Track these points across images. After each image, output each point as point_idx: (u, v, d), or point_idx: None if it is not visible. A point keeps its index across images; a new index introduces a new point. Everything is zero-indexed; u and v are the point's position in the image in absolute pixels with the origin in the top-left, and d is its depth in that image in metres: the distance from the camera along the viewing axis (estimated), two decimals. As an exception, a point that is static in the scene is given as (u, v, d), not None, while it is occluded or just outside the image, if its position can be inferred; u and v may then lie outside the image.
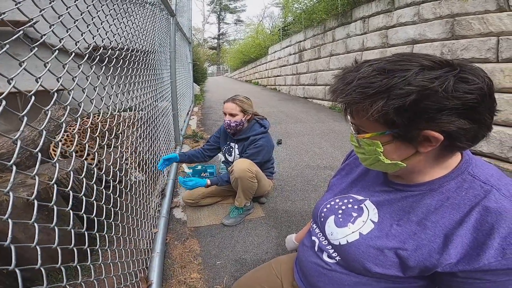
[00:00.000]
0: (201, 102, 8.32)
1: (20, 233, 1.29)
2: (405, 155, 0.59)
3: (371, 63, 0.56)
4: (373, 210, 0.70)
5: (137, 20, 1.80)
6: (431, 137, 0.53)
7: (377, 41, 5.45)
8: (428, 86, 0.49)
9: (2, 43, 0.66)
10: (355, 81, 0.55)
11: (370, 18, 5.67)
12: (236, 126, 2.02)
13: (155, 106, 2.48)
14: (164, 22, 2.99)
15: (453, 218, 0.57)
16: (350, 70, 0.58)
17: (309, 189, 2.53)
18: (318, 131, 4.62)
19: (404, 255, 0.60)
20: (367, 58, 4.16)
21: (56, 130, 2.80)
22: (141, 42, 1.90)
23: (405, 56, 0.55)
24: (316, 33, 8.00)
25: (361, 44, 5.96)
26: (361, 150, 0.65)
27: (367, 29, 5.77)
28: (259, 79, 15.09)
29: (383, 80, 0.52)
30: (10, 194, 0.63)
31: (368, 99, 0.54)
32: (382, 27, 5.33)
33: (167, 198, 2.17)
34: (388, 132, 0.57)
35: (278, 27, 13.78)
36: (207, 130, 4.80)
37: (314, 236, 0.83)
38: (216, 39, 40.31)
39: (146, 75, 2.12)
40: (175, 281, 1.46)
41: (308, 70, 8.53)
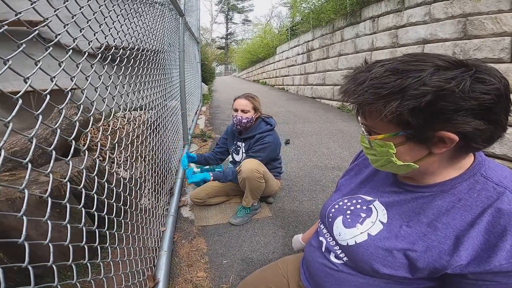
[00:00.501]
0: (209, 102, 8.36)
1: (32, 230, 1.30)
2: (418, 156, 0.58)
3: (383, 63, 0.56)
4: (382, 211, 0.70)
5: (147, 20, 1.82)
6: (446, 138, 0.53)
7: (387, 41, 5.40)
8: (445, 87, 0.49)
9: (19, 42, 0.67)
10: (368, 82, 0.54)
11: (379, 17, 5.61)
12: (247, 123, 2.04)
13: (164, 105, 2.51)
14: (173, 22, 3.01)
15: (465, 219, 0.56)
16: (361, 70, 0.58)
17: (317, 189, 2.52)
18: (326, 131, 4.59)
19: (413, 256, 0.60)
20: (376, 58, 4.17)
21: (69, 129, 2.85)
22: (151, 42, 1.92)
23: (418, 56, 0.54)
24: (324, 32, 7.95)
25: (371, 44, 5.90)
26: (372, 152, 0.64)
27: (377, 29, 5.71)
28: (267, 79, 15.07)
29: (396, 80, 0.51)
30: (26, 191, 0.64)
31: (381, 100, 0.53)
32: (392, 26, 5.27)
33: (175, 197, 2.18)
34: (402, 133, 0.56)
35: (286, 27, 13.72)
36: (215, 129, 4.82)
37: (321, 237, 0.83)
38: (224, 39, 40.43)
39: (155, 74, 2.13)
40: (181, 279, 1.47)
41: (316, 70, 8.48)
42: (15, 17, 0.67)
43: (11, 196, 1.25)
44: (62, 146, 2.67)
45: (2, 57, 0.62)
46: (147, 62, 1.79)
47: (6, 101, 3.73)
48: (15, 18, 0.67)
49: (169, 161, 2.55)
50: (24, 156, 2.37)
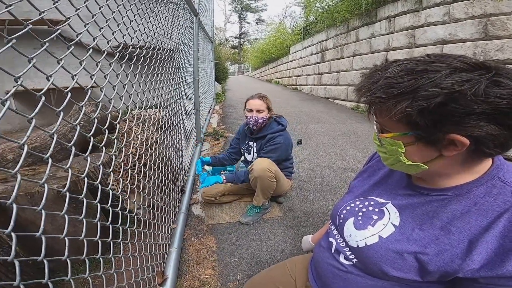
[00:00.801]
0: (222, 101, 8.41)
1: (48, 225, 1.34)
2: (428, 157, 0.58)
3: (400, 63, 0.55)
4: (394, 213, 0.69)
5: (162, 19, 1.85)
6: (456, 141, 0.52)
7: (404, 41, 5.32)
8: (456, 89, 0.48)
9: (42, 41, 0.69)
10: (381, 80, 0.54)
11: (396, 17, 5.55)
12: (263, 122, 2.05)
13: (178, 104, 2.54)
14: (188, 21, 3.04)
15: (480, 224, 0.56)
16: (378, 69, 0.58)
17: (328, 190, 2.50)
18: (339, 132, 4.54)
19: (424, 259, 0.59)
20: (392, 58, 4.10)
21: (87, 126, 2.94)
22: (166, 41, 1.95)
23: (437, 57, 0.53)
24: (338, 32, 7.88)
25: (387, 44, 5.82)
26: (383, 149, 0.64)
27: (393, 29, 5.64)
28: (280, 79, 15.04)
29: (410, 80, 0.51)
30: (45, 186, 0.67)
31: (392, 99, 0.53)
32: (409, 26, 5.19)
33: (186, 195, 2.21)
34: (411, 133, 0.56)
35: (300, 27, 13.65)
36: (228, 128, 4.85)
37: (331, 238, 0.83)
38: (238, 38, 40.59)
39: (170, 73, 2.17)
40: (189, 276, 1.48)
41: (330, 70, 8.41)
42: (39, 16, 0.69)
43: (30, 190, 1.29)
44: (80, 142, 2.75)
45: (27, 55, 0.65)
46: (162, 61, 1.82)
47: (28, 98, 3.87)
48: (38, 18, 0.69)
49: (181, 159, 2.58)
50: (43, 152, 2.46)
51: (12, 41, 0.60)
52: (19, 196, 1.24)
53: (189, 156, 3.02)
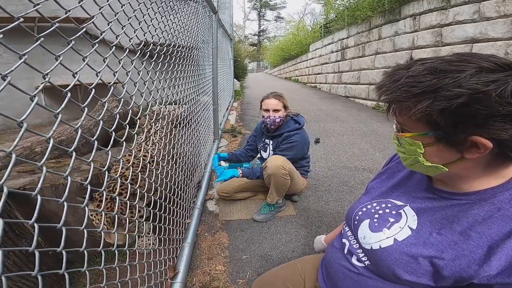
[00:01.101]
0: (240, 98, 8.46)
1: (70, 216, 1.39)
2: (448, 159, 0.57)
3: (425, 61, 0.54)
4: (412, 216, 0.68)
5: (182, 17, 1.88)
6: (479, 143, 0.50)
7: (430, 40, 5.17)
8: (481, 90, 0.46)
9: (68, 39, 0.72)
10: (403, 79, 0.53)
11: (421, 15, 5.40)
12: (280, 121, 2.05)
13: (197, 101, 2.58)
14: (207, 19, 3.07)
15: (502, 230, 0.54)
16: (401, 67, 0.57)
17: (345, 190, 2.46)
18: (359, 131, 4.44)
19: (439, 264, 0.58)
20: (417, 56, 3.98)
21: (110, 121, 3.05)
22: (185, 39, 1.98)
23: (464, 57, 0.52)
24: (360, 30, 7.73)
25: (411, 43, 5.65)
26: (402, 149, 0.63)
27: (418, 27, 5.48)
28: (299, 77, 14.93)
29: (432, 80, 0.50)
30: (69, 178, 0.70)
31: (412, 98, 0.52)
32: (435, 25, 5.04)
33: (202, 190, 2.25)
34: (431, 134, 0.55)
35: (320, 24, 13.45)
36: (245, 125, 4.87)
37: (345, 239, 0.82)
38: (257, 36, 40.53)
39: (189, 70, 2.20)
40: (200, 271, 1.51)
41: (350, 69, 8.26)
42: (65, 15, 0.72)
43: (55, 182, 1.36)
44: (103, 137, 2.86)
45: (54, 53, 0.68)
46: (182, 58, 1.85)
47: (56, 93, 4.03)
48: (65, 16, 0.73)
49: (198, 155, 2.62)
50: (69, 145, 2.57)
51: (40, 39, 0.63)
52: (44, 187, 1.30)
53: (206, 152, 3.06)
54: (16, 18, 0.58)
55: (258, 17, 39.31)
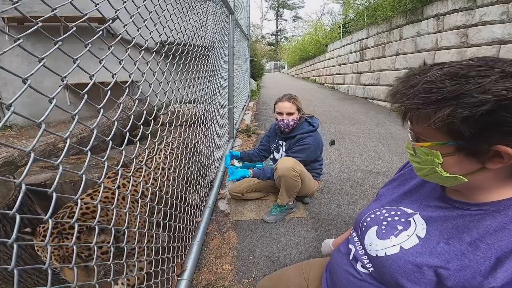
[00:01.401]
0: (256, 98, 8.48)
1: None
2: (468, 169, 0.54)
3: (442, 66, 0.52)
4: (421, 225, 0.66)
5: (198, 17, 1.91)
6: (503, 153, 0.48)
7: (454, 41, 5.01)
8: (508, 96, 0.44)
9: (86, 42, 0.76)
10: (420, 85, 0.51)
11: (445, 16, 5.25)
12: (294, 124, 2.05)
13: (212, 100, 2.61)
14: (224, 19, 3.10)
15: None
16: (415, 72, 0.55)
17: (358, 194, 2.42)
18: (376, 134, 4.34)
19: (444, 274, 0.57)
20: (441, 58, 3.86)
21: (128, 118, 3.14)
22: (202, 38, 2.01)
23: (485, 61, 0.49)
24: (380, 30, 7.56)
25: (434, 43, 5.48)
26: (417, 159, 0.61)
27: (442, 28, 5.32)
28: (316, 77, 14.78)
29: (453, 86, 0.47)
30: (83, 176, 0.73)
31: (432, 106, 0.49)
32: (461, 25, 4.89)
33: (214, 189, 2.28)
34: (451, 143, 0.52)
35: (338, 24, 13.25)
36: (261, 125, 4.89)
37: (351, 244, 0.82)
38: (274, 36, 40.43)
39: (205, 70, 2.23)
40: (207, 269, 1.53)
41: (370, 69, 8.09)
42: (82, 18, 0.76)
43: (74, 178, 1.42)
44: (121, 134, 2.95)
45: (72, 56, 0.72)
46: (198, 59, 1.88)
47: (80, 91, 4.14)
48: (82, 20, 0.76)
49: (212, 154, 2.66)
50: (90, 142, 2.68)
51: (58, 44, 0.67)
52: (64, 183, 1.36)
53: (220, 151, 3.10)
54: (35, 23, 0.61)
55: (275, 17, 39.22)
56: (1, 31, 0.61)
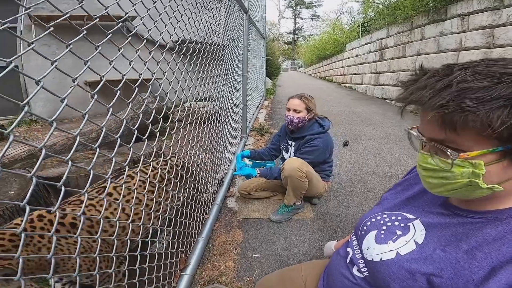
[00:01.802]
0: (272, 96, 8.48)
1: None
2: (507, 176, 0.50)
3: (465, 66, 0.49)
4: (420, 231, 0.65)
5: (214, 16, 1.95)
6: None
7: (480, 41, 4.87)
8: None
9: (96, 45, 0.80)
10: (455, 86, 0.46)
11: (470, 15, 5.09)
12: (298, 123, 2.04)
13: (226, 98, 2.65)
14: (238, 18, 3.13)
15: (511, 252, 0.50)
16: (434, 75, 0.51)
17: (368, 196, 2.39)
18: (393, 136, 4.24)
19: (436, 282, 0.56)
20: (464, 58, 3.77)
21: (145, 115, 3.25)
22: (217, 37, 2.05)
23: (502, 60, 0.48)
24: (401, 30, 7.40)
25: (458, 44, 5.32)
26: (443, 175, 0.54)
27: (467, 27, 5.16)
28: (334, 76, 14.59)
29: (498, 84, 0.44)
30: (91, 172, 0.78)
31: (482, 107, 0.44)
32: (487, 25, 4.75)
33: (224, 187, 2.32)
34: (501, 149, 0.47)
35: (357, 23, 13.00)
36: (274, 124, 4.89)
37: (349, 248, 0.82)
38: (292, 34, 40.12)
39: (220, 69, 2.27)
40: (210, 266, 1.56)
41: (389, 69, 7.91)
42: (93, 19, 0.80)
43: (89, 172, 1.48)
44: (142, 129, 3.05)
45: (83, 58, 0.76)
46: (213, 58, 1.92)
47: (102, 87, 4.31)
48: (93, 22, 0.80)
49: (224, 152, 2.70)
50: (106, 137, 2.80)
51: (70, 47, 0.71)
52: (79, 177, 1.44)
53: (232, 150, 3.13)
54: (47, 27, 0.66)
55: (293, 15, 38.88)
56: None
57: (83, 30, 0.75)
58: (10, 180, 1.36)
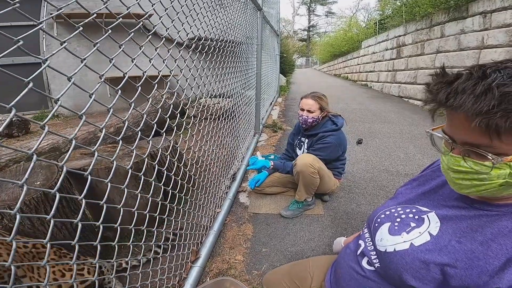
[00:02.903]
0: (285, 93, 8.46)
1: (117, 197, 1.54)
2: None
3: (496, 67, 0.49)
4: (435, 223, 0.66)
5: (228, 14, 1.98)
6: None
7: (503, 39, 4.73)
8: None
9: (119, 44, 0.85)
10: (496, 90, 0.46)
11: (493, 13, 4.94)
12: (312, 122, 2.06)
13: (240, 95, 2.69)
14: (252, 15, 3.15)
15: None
16: (466, 79, 0.50)
17: (380, 194, 2.37)
18: (408, 134, 4.15)
19: (451, 273, 0.57)
20: (486, 57, 3.69)
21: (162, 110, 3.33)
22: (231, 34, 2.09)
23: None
24: (419, 27, 7.21)
25: (480, 42, 5.17)
26: (478, 176, 0.54)
27: (489, 25, 5.01)
28: (349, 74, 14.36)
29: None
30: (114, 163, 0.83)
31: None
32: (510, 23, 4.60)
33: (236, 182, 2.36)
34: None
35: (374, 20, 12.72)
36: (287, 121, 4.89)
37: (361, 240, 0.83)
38: (306, 31, 39.64)
39: (234, 66, 2.30)
40: (220, 259, 1.60)
41: (406, 67, 7.73)
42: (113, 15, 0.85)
43: (110, 165, 1.56)
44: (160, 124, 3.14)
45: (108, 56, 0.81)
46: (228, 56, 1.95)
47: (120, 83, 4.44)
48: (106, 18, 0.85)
49: (237, 148, 2.74)
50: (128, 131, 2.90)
51: (97, 45, 0.76)
52: (100, 169, 1.50)
53: (245, 146, 3.17)
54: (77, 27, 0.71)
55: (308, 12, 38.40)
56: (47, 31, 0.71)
57: (108, 29, 0.80)
58: (35, 171, 1.44)
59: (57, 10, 0.69)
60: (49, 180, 1.34)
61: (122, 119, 0.90)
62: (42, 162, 1.45)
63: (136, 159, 1.59)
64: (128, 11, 0.89)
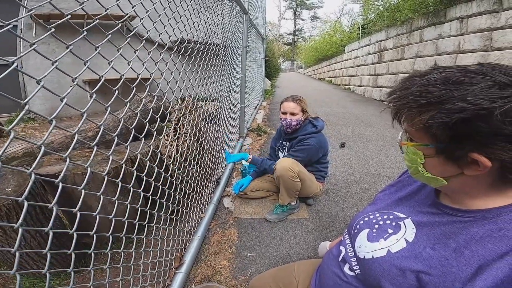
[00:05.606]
0: (270, 97, 8.50)
1: (95, 203, 1.45)
2: (448, 173, 0.56)
3: (442, 70, 0.52)
4: (411, 229, 0.67)
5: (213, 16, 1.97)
6: (479, 161, 0.49)
7: (477, 44, 4.91)
8: (485, 106, 0.44)
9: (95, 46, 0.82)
10: (414, 87, 0.52)
11: (469, 18, 5.12)
12: (296, 125, 2.06)
13: (224, 98, 2.67)
14: (238, 18, 3.15)
15: (497, 250, 0.51)
16: (417, 74, 0.55)
17: (363, 197, 2.42)
18: (390, 138, 4.27)
19: (425, 279, 0.57)
20: (462, 61, 3.79)
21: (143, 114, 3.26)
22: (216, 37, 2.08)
23: (484, 67, 0.50)
24: (400, 32, 7.43)
25: (456, 46, 5.36)
26: (406, 157, 0.63)
27: (465, 30, 5.20)
28: (333, 78, 14.61)
29: (441, 91, 0.48)
30: (88, 169, 0.80)
31: (417, 108, 0.52)
32: (485, 28, 4.77)
33: (220, 187, 2.33)
34: (432, 146, 0.54)
35: (357, 25, 13.03)
36: (272, 125, 4.92)
37: (342, 246, 0.83)
38: (292, 35, 40.16)
39: (219, 70, 2.29)
40: (205, 264, 1.58)
41: (387, 72, 7.94)
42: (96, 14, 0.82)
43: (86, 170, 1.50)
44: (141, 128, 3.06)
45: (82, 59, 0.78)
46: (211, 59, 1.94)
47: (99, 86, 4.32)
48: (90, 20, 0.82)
49: (221, 152, 2.71)
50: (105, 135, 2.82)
51: (70, 47, 0.73)
52: (77, 175, 1.44)
53: (229, 150, 3.15)
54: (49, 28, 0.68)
55: (293, 16, 38.92)
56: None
57: (84, 31, 0.77)
58: (7, 178, 1.37)
59: (28, 11, 0.66)
60: (21, 187, 1.28)
61: (97, 124, 0.87)
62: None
63: (115, 165, 1.54)
64: (106, 12, 0.86)
